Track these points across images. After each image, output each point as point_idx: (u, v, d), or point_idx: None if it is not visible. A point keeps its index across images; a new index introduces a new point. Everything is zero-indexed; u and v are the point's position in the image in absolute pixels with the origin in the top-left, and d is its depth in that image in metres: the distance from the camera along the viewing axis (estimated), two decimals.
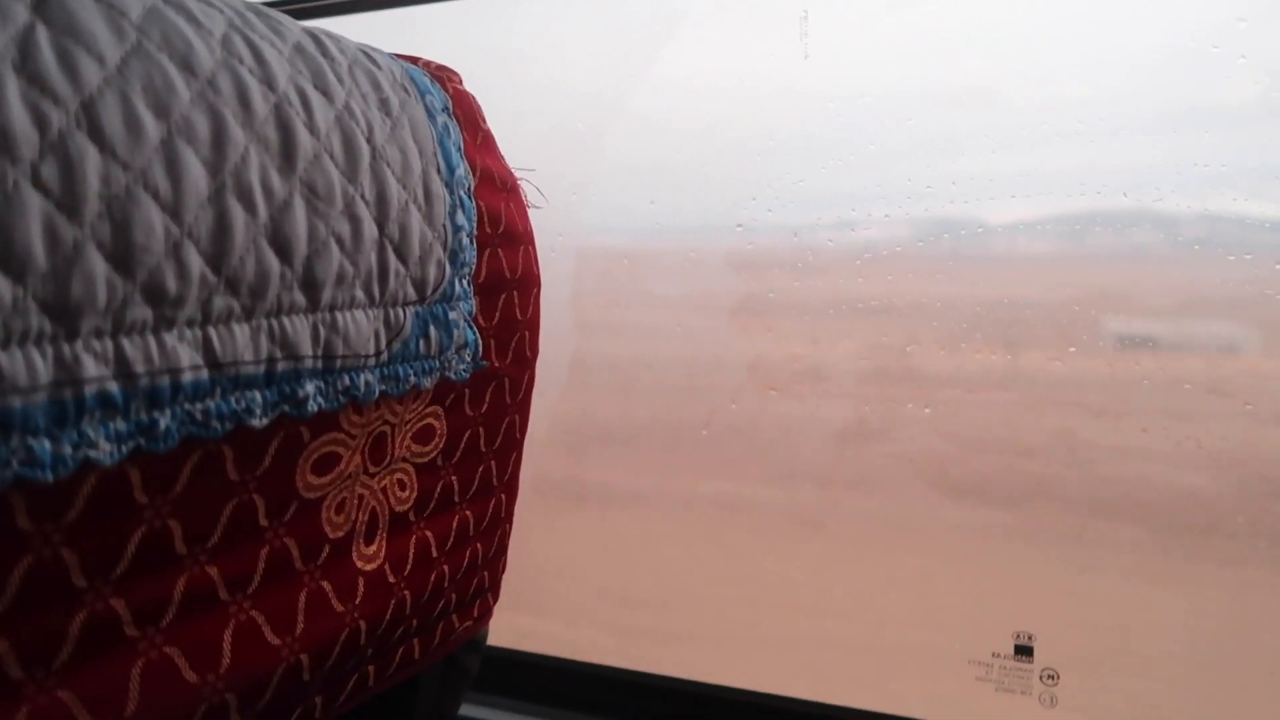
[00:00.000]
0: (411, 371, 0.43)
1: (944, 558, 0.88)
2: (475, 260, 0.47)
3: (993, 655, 0.85)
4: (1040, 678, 0.84)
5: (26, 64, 0.26)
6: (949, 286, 0.87)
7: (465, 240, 0.45)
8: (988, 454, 0.87)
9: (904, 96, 0.89)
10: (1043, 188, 0.84)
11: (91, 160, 0.27)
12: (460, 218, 0.45)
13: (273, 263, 0.34)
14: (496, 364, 0.51)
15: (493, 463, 0.53)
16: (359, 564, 0.43)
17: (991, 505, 0.87)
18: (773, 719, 0.90)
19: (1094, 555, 0.83)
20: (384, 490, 0.44)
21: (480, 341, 0.48)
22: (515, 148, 0.54)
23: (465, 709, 0.94)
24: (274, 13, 0.37)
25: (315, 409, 0.37)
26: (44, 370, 0.27)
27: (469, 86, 0.51)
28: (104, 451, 0.29)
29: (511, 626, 1.01)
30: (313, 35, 0.39)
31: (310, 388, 0.37)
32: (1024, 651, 0.84)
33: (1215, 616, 0.81)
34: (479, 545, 0.54)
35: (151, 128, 0.29)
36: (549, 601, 1.03)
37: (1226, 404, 0.80)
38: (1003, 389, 0.85)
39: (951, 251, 0.87)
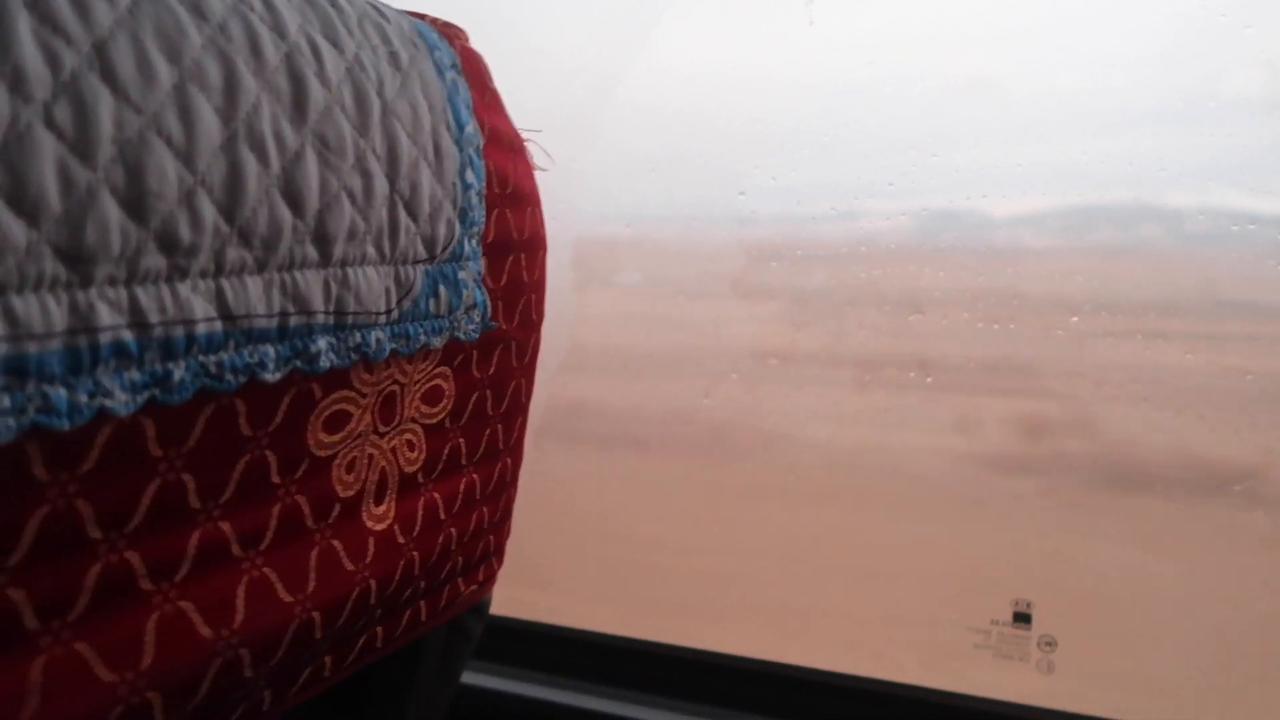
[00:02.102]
0: (421, 330, 0.42)
1: (943, 526, 0.88)
2: (484, 220, 0.46)
3: (991, 622, 0.85)
4: (1038, 645, 0.84)
5: (38, 1, 0.25)
6: (950, 278, 0.87)
7: (474, 199, 0.45)
8: (988, 423, 0.87)
9: (906, 87, 0.88)
10: (1046, 181, 0.84)
11: (105, 103, 0.27)
12: (470, 176, 0.44)
13: (285, 215, 0.33)
14: (504, 326, 0.51)
15: (499, 426, 0.53)
16: (369, 524, 0.43)
17: (992, 473, 0.87)
18: (769, 685, 0.91)
19: (1093, 523, 0.84)
20: (393, 451, 0.44)
21: (489, 302, 0.47)
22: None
23: (466, 676, 0.95)
24: None
25: (327, 365, 0.37)
26: (59, 317, 0.26)
27: None
28: (119, 401, 0.28)
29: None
30: None
31: (322, 343, 0.36)
32: (1022, 619, 0.85)
33: (1213, 585, 0.82)
34: (485, 509, 0.54)
35: (164, 72, 0.29)
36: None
37: (1225, 377, 0.80)
38: (1003, 358, 0.86)
39: (954, 244, 0.87)
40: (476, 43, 0.51)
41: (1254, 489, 0.80)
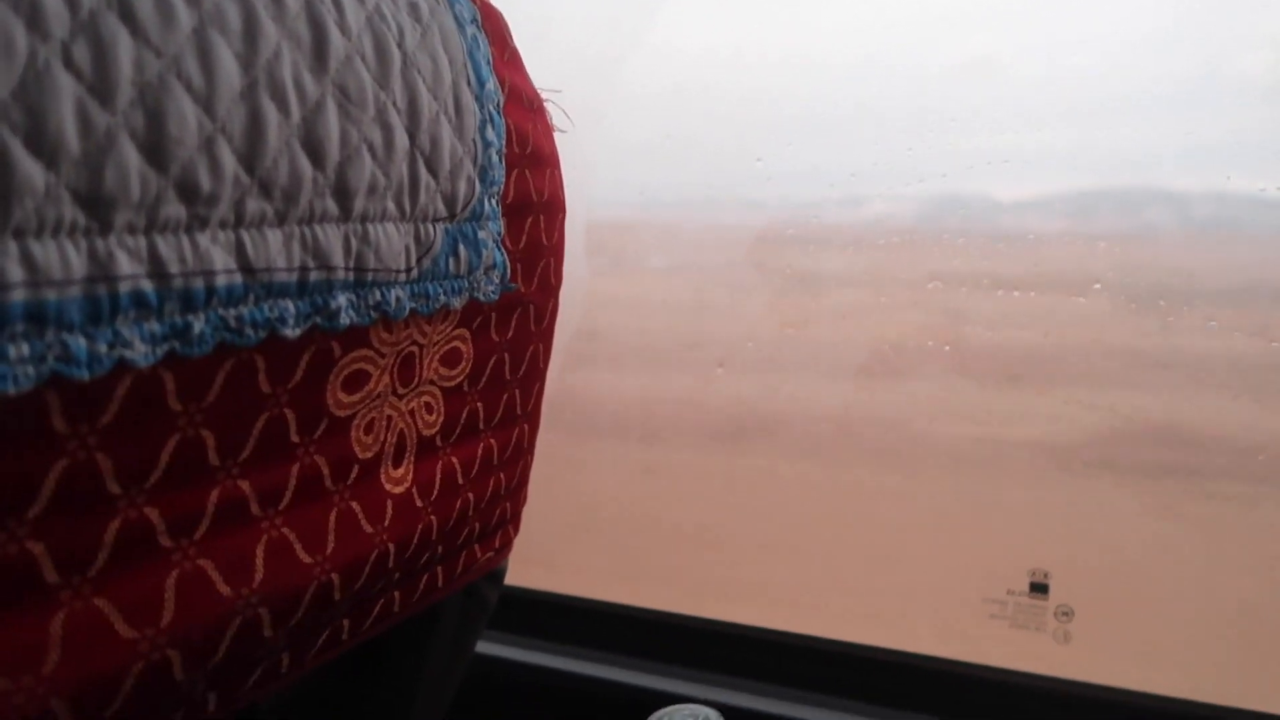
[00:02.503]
0: (441, 290, 0.42)
1: (960, 496, 0.88)
2: (504, 179, 0.45)
3: (1008, 592, 0.85)
4: (1055, 615, 0.84)
5: None
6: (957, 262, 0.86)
7: (495, 158, 0.44)
8: (1004, 391, 0.87)
9: (911, 70, 0.87)
10: (1053, 164, 0.83)
11: (124, 43, 0.26)
12: (490, 133, 0.43)
13: (305, 166, 0.33)
14: (523, 289, 0.50)
15: (517, 391, 0.53)
16: (387, 486, 0.42)
17: (1007, 444, 0.87)
18: (786, 656, 0.91)
19: (1111, 493, 0.83)
20: (411, 413, 0.44)
21: (508, 264, 0.47)
22: None
23: (484, 646, 0.95)
24: None
25: (347, 322, 0.36)
26: (78, 264, 0.26)
27: None
28: (139, 352, 0.28)
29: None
30: None
31: (342, 300, 0.36)
32: (1039, 589, 0.84)
33: (1230, 555, 0.81)
34: (502, 475, 0.53)
35: (184, 13, 0.28)
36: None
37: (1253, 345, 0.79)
38: (1021, 328, 0.85)
39: (961, 228, 0.86)
40: None
41: (1270, 462, 0.79)
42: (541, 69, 0.51)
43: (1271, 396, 0.78)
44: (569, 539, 1.04)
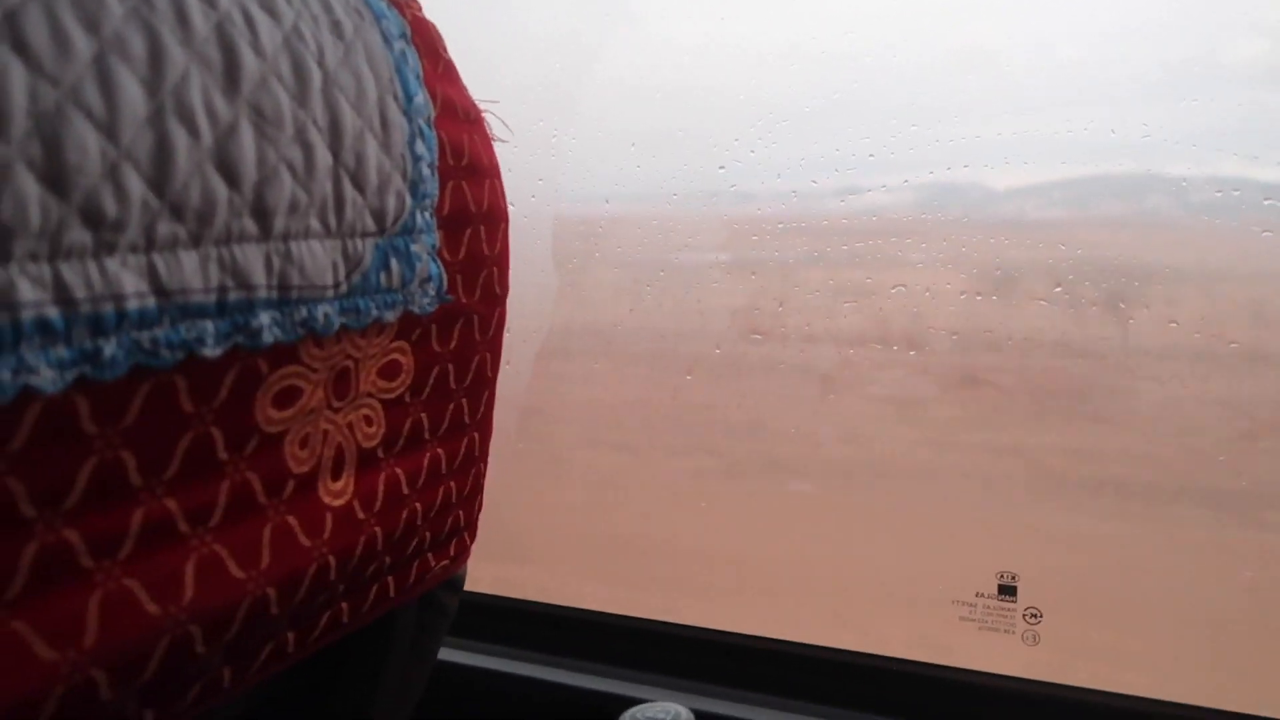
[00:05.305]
0: (373, 304, 0.42)
1: (927, 500, 0.88)
2: (437, 192, 0.46)
3: (976, 595, 0.85)
4: (1024, 616, 0.84)
5: None
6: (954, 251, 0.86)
7: (426, 171, 0.44)
8: (973, 398, 0.87)
9: (904, 58, 0.87)
10: (1048, 152, 0.83)
11: (17, 75, 0.26)
12: (420, 147, 0.44)
13: (220, 188, 0.33)
14: (464, 300, 0.50)
15: (464, 400, 0.53)
16: (326, 499, 0.43)
17: (975, 449, 0.87)
18: (755, 660, 0.91)
19: (1077, 497, 0.84)
20: (350, 426, 0.44)
21: (445, 275, 0.47)
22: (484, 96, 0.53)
23: (448, 654, 0.95)
24: None
25: (271, 340, 0.36)
26: None
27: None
28: (45, 379, 0.28)
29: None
30: None
31: (265, 318, 0.36)
32: (1007, 591, 0.85)
33: (1196, 557, 0.82)
34: (452, 484, 0.54)
35: (82, 43, 0.28)
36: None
37: (1215, 347, 0.79)
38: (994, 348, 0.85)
39: (958, 218, 0.86)
40: (456, 17, 0.50)
41: (1238, 460, 0.80)
42: (517, 65, 0.51)
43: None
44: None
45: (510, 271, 0.55)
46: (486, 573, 0.97)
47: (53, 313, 0.28)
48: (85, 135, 0.28)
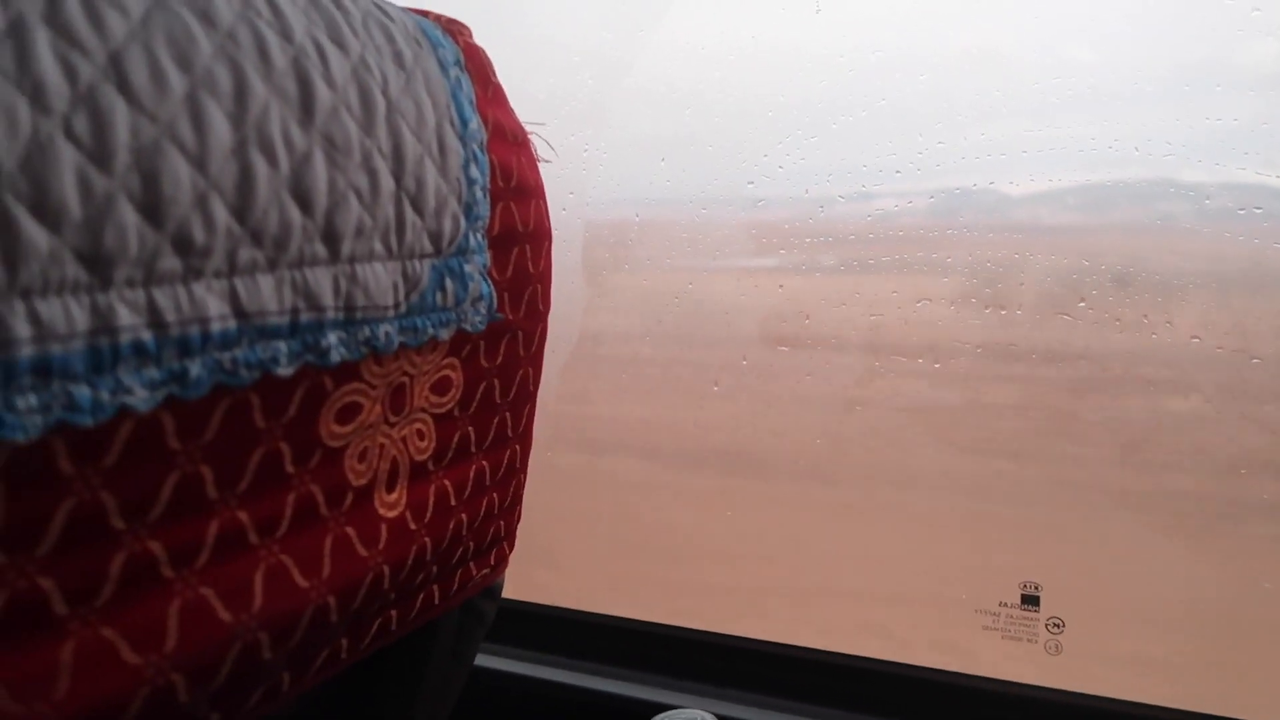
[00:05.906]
0: (429, 323, 0.43)
1: (952, 509, 0.89)
2: (489, 214, 0.47)
3: (1000, 604, 0.86)
4: (1046, 626, 0.85)
5: (54, 15, 0.27)
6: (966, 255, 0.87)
7: (479, 194, 0.46)
8: (996, 406, 0.88)
9: (915, 62, 0.88)
10: (1061, 157, 0.83)
11: (120, 112, 0.28)
12: (474, 171, 0.45)
13: (295, 215, 0.35)
14: (510, 317, 0.52)
15: (507, 414, 0.54)
16: (381, 511, 0.44)
17: (999, 457, 0.88)
18: (779, 667, 0.92)
19: (1101, 507, 0.84)
20: (404, 440, 0.45)
21: (495, 294, 0.48)
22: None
23: (481, 659, 0.96)
24: None
25: (338, 359, 0.38)
26: (81, 318, 0.28)
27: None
28: (139, 398, 0.30)
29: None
30: None
31: (333, 338, 0.37)
32: (1030, 601, 0.86)
33: (1220, 567, 0.82)
34: (495, 494, 0.55)
35: (176, 80, 0.30)
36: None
37: (1237, 359, 0.80)
38: (1012, 357, 0.86)
39: (971, 223, 0.87)
40: (485, 33, 0.52)
41: (1258, 472, 0.80)
42: (547, 78, 0.52)
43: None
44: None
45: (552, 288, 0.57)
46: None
47: (146, 336, 0.30)
48: (179, 167, 0.30)
